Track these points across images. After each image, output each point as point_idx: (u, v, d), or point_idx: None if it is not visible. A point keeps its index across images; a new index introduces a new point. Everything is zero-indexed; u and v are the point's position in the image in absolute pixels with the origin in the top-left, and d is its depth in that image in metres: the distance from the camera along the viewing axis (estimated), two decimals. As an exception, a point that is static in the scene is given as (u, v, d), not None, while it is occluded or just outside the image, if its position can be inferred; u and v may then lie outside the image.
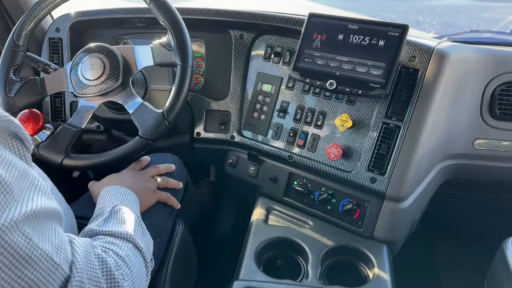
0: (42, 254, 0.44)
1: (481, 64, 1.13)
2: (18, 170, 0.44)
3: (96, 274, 0.54)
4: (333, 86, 1.04)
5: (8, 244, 0.40)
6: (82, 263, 0.51)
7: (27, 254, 0.42)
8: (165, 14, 1.02)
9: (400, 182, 1.03)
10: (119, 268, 0.60)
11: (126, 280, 0.59)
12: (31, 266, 0.42)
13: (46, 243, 0.45)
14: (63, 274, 0.47)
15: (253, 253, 1.05)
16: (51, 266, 0.45)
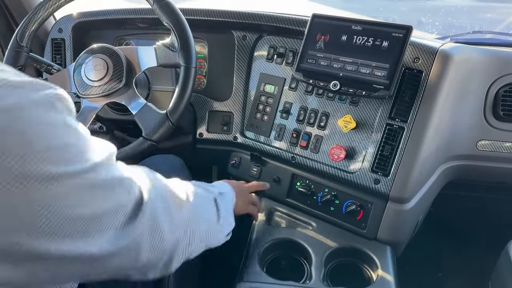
0: (124, 179, 0.53)
1: (484, 65, 1.12)
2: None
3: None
4: (336, 87, 1.04)
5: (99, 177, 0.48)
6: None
7: (116, 180, 0.51)
8: (169, 15, 1.02)
9: (404, 183, 1.03)
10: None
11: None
12: (113, 189, 0.50)
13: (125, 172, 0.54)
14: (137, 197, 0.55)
15: (257, 254, 1.05)
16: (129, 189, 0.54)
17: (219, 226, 0.84)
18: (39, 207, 0.42)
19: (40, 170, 0.42)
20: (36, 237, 0.42)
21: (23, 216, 0.41)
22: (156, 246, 0.59)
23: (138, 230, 0.54)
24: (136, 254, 0.56)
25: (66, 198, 0.44)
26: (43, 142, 0.42)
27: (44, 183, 0.42)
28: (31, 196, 0.41)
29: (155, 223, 0.58)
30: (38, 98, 0.43)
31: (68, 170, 0.44)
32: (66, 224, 0.44)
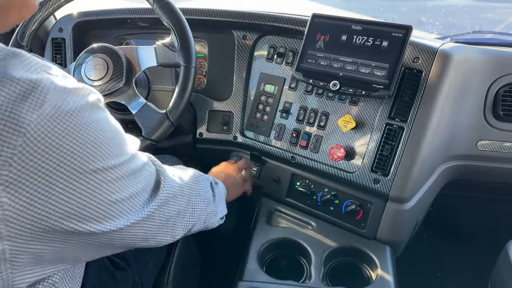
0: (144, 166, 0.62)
1: (484, 65, 1.12)
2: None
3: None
4: (336, 86, 1.04)
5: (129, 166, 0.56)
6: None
7: (140, 168, 0.60)
8: (169, 14, 1.02)
9: (404, 183, 1.03)
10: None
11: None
12: (141, 173, 0.60)
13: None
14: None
15: (256, 254, 1.05)
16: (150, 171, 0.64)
17: (215, 207, 0.91)
18: (91, 196, 0.50)
19: (95, 165, 0.49)
20: (85, 221, 0.51)
21: (77, 204, 0.49)
22: (166, 213, 0.68)
23: (157, 203, 0.64)
24: (157, 220, 0.65)
25: (110, 186, 0.52)
26: (98, 140, 0.49)
27: (97, 175, 0.50)
28: (87, 187, 0.49)
29: (168, 196, 0.67)
30: (91, 101, 0.49)
31: (114, 162, 0.52)
32: (108, 208, 0.53)
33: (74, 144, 0.47)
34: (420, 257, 1.59)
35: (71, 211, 0.49)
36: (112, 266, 0.85)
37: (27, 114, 0.43)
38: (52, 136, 0.45)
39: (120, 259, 0.87)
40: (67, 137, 0.46)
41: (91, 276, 0.78)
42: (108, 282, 0.82)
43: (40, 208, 0.46)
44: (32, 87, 0.44)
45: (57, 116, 0.45)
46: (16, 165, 0.43)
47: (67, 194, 0.47)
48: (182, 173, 0.80)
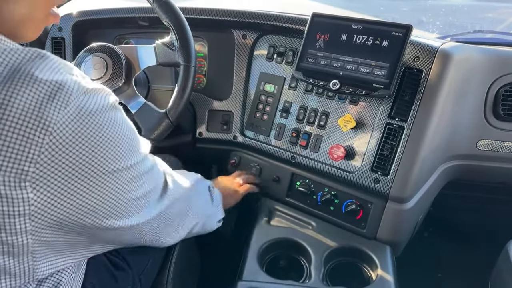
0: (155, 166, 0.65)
1: (485, 64, 1.12)
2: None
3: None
4: (336, 86, 1.04)
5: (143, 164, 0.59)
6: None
7: (153, 167, 0.64)
8: (168, 13, 1.02)
9: (404, 183, 1.03)
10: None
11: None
12: (153, 172, 0.63)
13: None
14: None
15: (256, 253, 1.05)
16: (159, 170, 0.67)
17: (213, 209, 0.95)
18: (110, 194, 0.53)
19: (116, 165, 0.52)
20: (104, 218, 0.54)
21: (98, 201, 0.52)
22: (171, 213, 0.71)
23: (165, 202, 0.67)
24: (164, 218, 0.68)
25: (127, 185, 0.55)
26: (118, 140, 0.52)
27: (116, 175, 0.53)
28: (107, 186, 0.52)
29: (174, 197, 0.70)
30: (110, 102, 0.52)
31: (131, 162, 0.55)
32: (128, 205, 0.56)
33: (96, 143, 0.49)
34: (421, 257, 1.58)
35: (92, 208, 0.51)
36: (112, 266, 0.85)
37: (53, 114, 0.45)
38: (76, 135, 0.47)
39: (120, 259, 0.87)
40: (90, 137, 0.48)
41: (91, 276, 0.78)
42: (108, 282, 0.82)
43: (63, 204, 0.48)
44: (58, 88, 0.46)
45: (80, 116, 0.47)
46: (43, 163, 0.45)
47: (88, 191, 0.50)
48: (185, 176, 0.83)
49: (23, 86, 0.44)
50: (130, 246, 0.70)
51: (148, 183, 0.60)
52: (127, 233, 0.60)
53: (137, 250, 0.92)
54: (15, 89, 0.44)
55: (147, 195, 0.61)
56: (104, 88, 0.52)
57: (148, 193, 0.61)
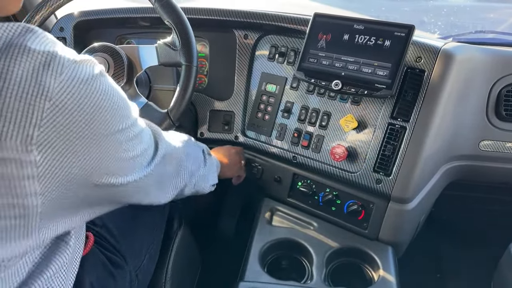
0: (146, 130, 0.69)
1: (487, 65, 1.12)
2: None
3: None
4: (338, 86, 1.03)
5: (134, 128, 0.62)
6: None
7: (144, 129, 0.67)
8: (170, 13, 1.02)
9: (406, 184, 1.03)
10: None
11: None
12: (144, 135, 0.66)
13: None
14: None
15: (258, 254, 1.04)
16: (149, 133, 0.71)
17: (205, 172, 0.98)
18: (109, 154, 0.57)
19: (112, 128, 0.55)
20: (106, 176, 0.58)
21: (99, 161, 0.55)
22: (162, 171, 0.75)
23: (157, 161, 0.71)
24: (156, 177, 0.73)
25: (123, 146, 0.59)
26: (111, 105, 0.55)
27: (113, 137, 0.56)
28: (106, 147, 0.56)
29: (165, 155, 0.75)
30: (99, 71, 0.54)
31: (125, 125, 0.58)
32: (125, 164, 0.61)
33: (92, 109, 0.52)
34: (423, 257, 1.58)
35: (94, 167, 0.55)
36: (109, 263, 0.85)
37: (50, 81, 0.48)
38: (73, 101, 0.50)
39: (117, 256, 0.88)
40: (85, 103, 0.51)
41: (88, 272, 0.79)
42: (105, 279, 0.83)
43: (67, 165, 0.51)
44: (51, 58, 0.48)
45: (74, 84, 0.50)
46: (46, 127, 0.48)
47: (89, 153, 0.53)
48: (175, 135, 0.88)
49: (18, 57, 0.46)
50: (122, 204, 0.74)
51: (141, 144, 0.65)
52: (122, 190, 0.64)
53: (132, 245, 0.93)
54: (12, 60, 0.46)
55: (141, 155, 0.65)
56: (91, 58, 0.55)
57: (141, 154, 0.65)
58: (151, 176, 0.70)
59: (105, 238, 0.88)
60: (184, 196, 0.96)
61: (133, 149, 0.62)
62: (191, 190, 0.94)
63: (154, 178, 0.72)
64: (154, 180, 0.73)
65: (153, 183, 0.73)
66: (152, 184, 0.73)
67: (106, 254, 0.86)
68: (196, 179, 0.94)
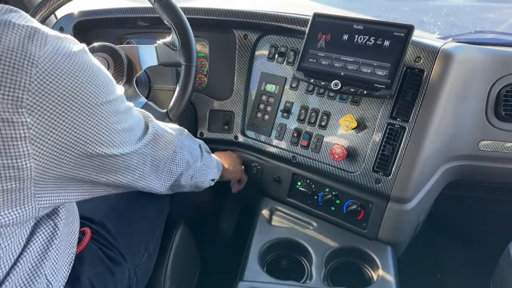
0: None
1: (486, 65, 1.12)
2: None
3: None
4: (338, 86, 1.04)
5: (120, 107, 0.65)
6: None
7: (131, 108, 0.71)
8: (170, 13, 1.02)
9: (405, 183, 1.03)
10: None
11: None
12: (132, 112, 0.71)
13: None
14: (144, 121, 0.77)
15: (257, 253, 1.05)
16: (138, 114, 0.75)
17: (203, 165, 1.00)
18: (100, 124, 0.60)
19: (99, 99, 0.59)
20: (96, 145, 0.61)
21: (89, 130, 0.59)
22: (155, 154, 0.79)
23: (147, 140, 0.74)
24: (147, 156, 0.76)
25: (112, 117, 0.62)
26: (95, 78, 0.58)
27: (101, 107, 0.59)
28: (96, 116, 0.59)
29: (156, 136, 0.78)
30: (81, 48, 0.58)
31: (111, 97, 0.61)
32: (114, 135, 0.64)
33: (78, 80, 0.55)
34: (422, 257, 1.58)
35: (84, 135, 0.58)
36: (106, 259, 0.85)
37: (36, 51, 0.51)
38: (58, 71, 0.53)
39: (115, 253, 0.88)
40: (70, 74, 0.54)
41: (86, 269, 0.79)
42: (104, 275, 0.83)
43: (57, 130, 0.54)
44: (35, 31, 0.52)
45: (58, 55, 0.53)
46: (34, 91, 0.51)
47: (78, 120, 0.56)
48: (170, 125, 0.90)
49: (4, 30, 0.50)
50: (119, 187, 0.76)
51: (129, 120, 0.68)
52: (113, 162, 0.67)
53: (130, 242, 0.93)
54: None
55: (130, 130, 0.69)
56: (72, 38, 0.58)
57: (130, 129, 0.68)
58: (142, 155, 0.73)
59: (102, 235, 0.89)
60: (184, 190, 0.97)
61: (122, 122, 0.65)
62: (189, 182, 0.95)
63: (147, 159, 0.76)
64: (148, 162, 0.77)
65: (147, 164, 0.76)
66: (146, 165, 0.76)
67: (104, 251, 0.86)
68: (194, 171, 0.95)
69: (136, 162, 0.73)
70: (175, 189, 0.95)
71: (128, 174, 0.73)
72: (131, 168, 0.72)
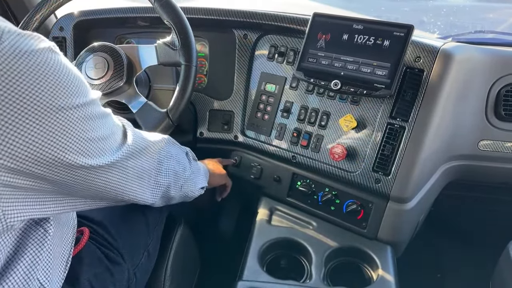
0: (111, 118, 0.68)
1: (486, 64, 1.12)
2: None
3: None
4: (337, 86, 1.04)
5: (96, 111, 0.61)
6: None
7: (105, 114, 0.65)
8: (170, 13, 1.02)
9: (405, 183, 1.03)
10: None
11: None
12: (108, 119, 0.65)
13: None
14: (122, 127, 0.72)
15: (257, 253, 1.05)
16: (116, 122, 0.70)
17: (191, 174, 0.97)
18: (66, 130, 0.55)
19: (63, 102, 0.53)
20: (67, 153, 0.55)
21: (54, 136, 0.53)
22: (138, 165, 0.74)
23: (126, 150, 0.69)
24: (127, 168, 0.71)
25: (82, 124, 0.57)
26: (60, 79, 0.53)
27: (66, 112, 0.54)
28: (60, 122, 0.54)
29: (137, 148, 0.73)
30: (46, 45, 0.53)
31: (79, 101, 0.56)
32: (86, 144, 0.58)
33: (39, 82, 0.50)
34: (421, 257, 1.58)
35: (52, 142, 0.53)
36: (106, 260, 0.85)
37: None
38: (15, 71, 0.48)
39: (115, 253, 0.88)
40: (30, 75, 0.49)
41: (85, 269, 0.79)
42: (103, 276, 0.83)
43: (14, 140, 0.50)
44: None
45: (15, 54, 0.48)
46: None
47: (39, 127, 0.51)
48: (153, 134, 0.85)
49: None
50: (107, 200, 0.72)
51: (103, 128, 0.62)
52: (90, 176, 0.62)
53: (130, 243, 0.93)
54: None
55: (105, 139, 0.63)
56: (40, 36, 0.53)
57: (105, 138, 0.63)
58: (122, 168, 0.69)
59: (102, 235, 0.88)
60: (174, 201, 0.95)
61: (94, 130, 0.60)
62: (178, 193, 0.92)
63: (128, 171, 0.71)
64: (130, 174, 0.72)
65: (129, 176, 0.72)
66: (128, 178, 0.72)
67: (103, 251, 0.86)
68: (182, 181, 0.92)
69: (117, 175, 0.68)
70: (166, 201, 0.92)
71: (110, 189, 0.69)
72: (112, 182, 0.68)
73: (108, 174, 0.66)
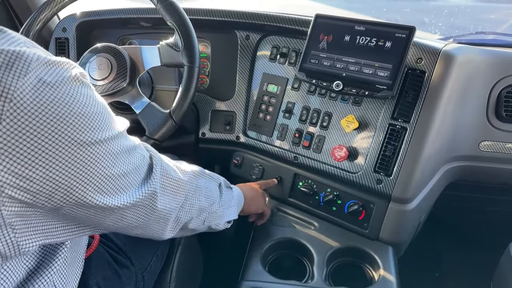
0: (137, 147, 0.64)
1: (487, 66, 1.12)
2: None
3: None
4: (339, 87, 1.04)
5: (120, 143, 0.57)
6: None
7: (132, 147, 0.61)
8: (173, 14, 1.02)
9: (406, 184, 1.03)
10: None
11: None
12: (133, 153, 0.61)
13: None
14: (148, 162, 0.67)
15: (259, 254, 1.05)
16: (143, 154, 0.65)
17: (220, 207, 0.90)
18: (85, 166, 0.51)
19: (86, 137, 0.50)
20: (85, 190, 0.52)
21: (72, 172, 0.50)
22: (164, 203, 0.69)
23: (149, 189, 0.64)
24: (148, 208, 0.66)
25: (103, 160, 0.53)
26: (85, 112, 0.50)
27: (88, 147, 0.51)
28: (80, 158, 0.50)
29: (160, 186, 0.67)
30: (73, 75, 0.50)
31: (104, 136, 0.53)
32: (105, 181, 0.55)
33: (60, 114, 0.47)
34: (423, 257, 1.59)
35: (65, 180, 0.50)
36: (115, 263, 0.85)
37: (12, 81, 0.44)
38: (38, 104, 0.45)
39: (123, 256, 0.88)
40: (53, 107, 0.47)
41: (94, 273, 0.79)
42: (111, 279, 0.83)
43: (32, 175, 0.47)
44: (16, 57, 0.44)
45: (40, 85, 0.46)
46: (5, 130, 0.44)
47: (59, 163, 0.49)
48: (183, 165, 0.81)
49: None
50: (120, 232, 0.68)
51: (127, 163, 0.58)
52: (106, 215, 0.58)
53: (139, 248, 0.93)
54: None
55: (127, 176, 0.59)
56: (69, 61, 0.50)
57: (127, 174, 0.58)
58: (142, 205, 0.64)
59: (111, 238, 0.88)
60: (193, 233, 0.89)
61: (116, 166, 0.56)
62: (200, 226, 0.86)
63: (148, 211, 0.66)
64: (151, 214, 0.67)
65: (149, 216, 0.67)
66: (149, 218, 0.67)
67: (112, 254, 0.86)
68: (207, 215, 0.86)
69: (133, 215, 0.63)
70: (182, 234, 0.85)
71: (126, 225, 0.64)
72: (127, 220, 0.63)
73: (125, 213, 0.62)
